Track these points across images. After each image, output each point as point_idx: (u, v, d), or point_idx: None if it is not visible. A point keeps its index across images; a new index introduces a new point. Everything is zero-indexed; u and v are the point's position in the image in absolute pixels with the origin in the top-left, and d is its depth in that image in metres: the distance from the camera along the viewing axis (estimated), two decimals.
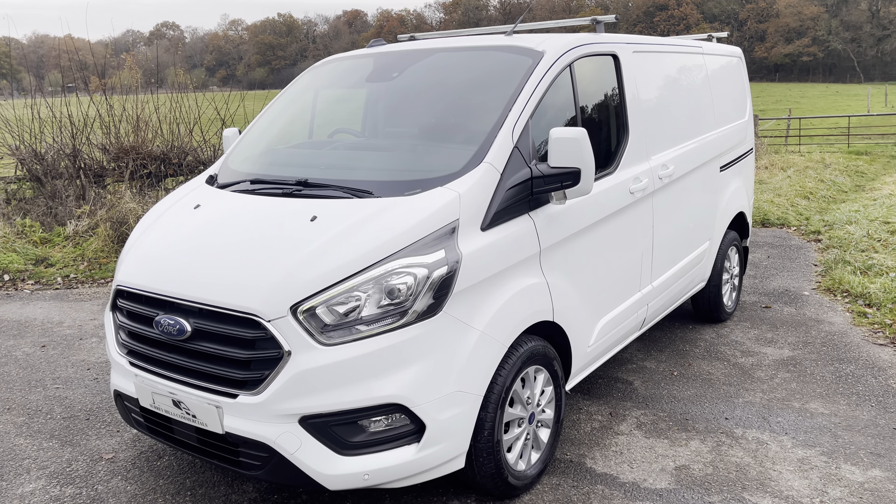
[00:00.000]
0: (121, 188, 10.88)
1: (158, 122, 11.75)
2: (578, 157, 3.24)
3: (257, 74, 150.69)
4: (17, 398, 4.75)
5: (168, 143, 11.57)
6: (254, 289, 2.89)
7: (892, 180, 13.80)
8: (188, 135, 11.84)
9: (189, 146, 11.76)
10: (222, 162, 4.20)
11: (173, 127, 11.77)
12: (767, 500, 3.36)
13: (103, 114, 11.30)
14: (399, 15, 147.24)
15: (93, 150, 11.32)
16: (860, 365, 4.94)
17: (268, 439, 2.86)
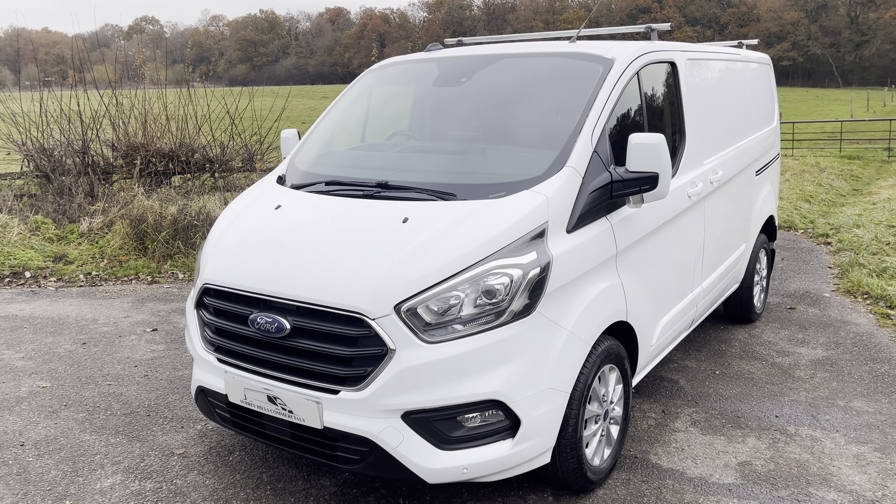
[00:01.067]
0: (129, 185, 10.85)
1: (167, 118, 11.73)
2: (657, 161, 3.36)
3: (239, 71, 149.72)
4: (71, 394, 4.77)
5: (177, 140, 11.56)
6: (357, 288, 2.97)
7: (887, 185, 14.12)
8: (196, 132, 11.83)
9: (197, 144, 11.77)
10: (288, 163, 4.26)
11: (181, 124, 11.76)
12: (833, 494, 3.50)
13: (111, 110, 11.26)
14: (382, 13, 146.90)
15: (101, 147, 11.28)
16: (894, 365, 5.11)
17: (370, 434, 2.94)
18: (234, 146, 12.08)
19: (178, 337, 5.90)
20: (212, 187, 11.44)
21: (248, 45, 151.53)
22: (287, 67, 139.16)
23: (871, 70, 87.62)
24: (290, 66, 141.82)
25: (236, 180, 12.16)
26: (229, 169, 11.95)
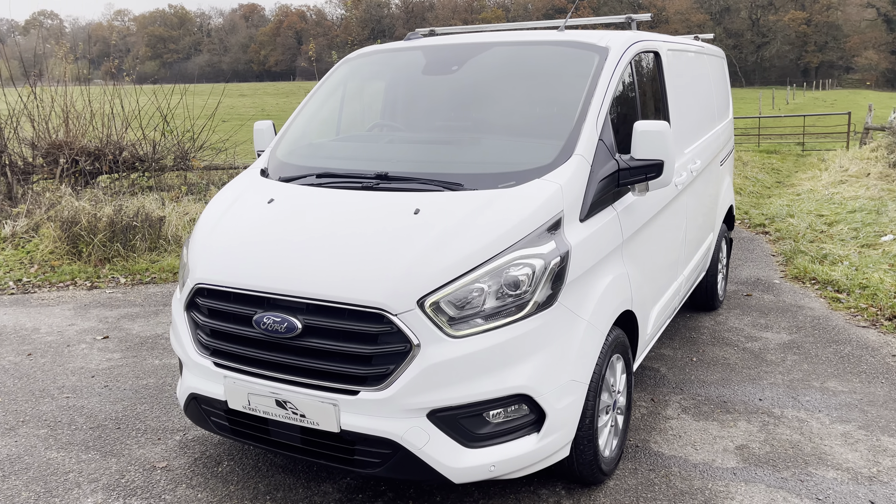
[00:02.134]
0: (52, 186, 10.20)
1: (91, 115, 11.10)
2: (662, 149, 3.35)
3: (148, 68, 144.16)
4: (26, 410, 4.40)
5: (103, 138, 10.95)
6: (377, 283, 2.82)
7: (806, 177, 14.84)
8: (124, 129, 11.24)
9: (126, 141, 11.18)
10: (269, 155, 4.05)
11: (107, 121, 11.15)
12: (832, 472, 3.59)
13: (30, 107, 10.56)
14: (299, 10, 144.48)
15: (19, 146, 10.56)
16: (855, 346, 5.32)
17: (394, 435, 2.80)
18: (165, 144, 11.54)
19: (134, 344, 5.55)
20: (146, 187, 10.89)
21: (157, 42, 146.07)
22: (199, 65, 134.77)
23: (772, 70, 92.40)
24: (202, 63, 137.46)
25: (168, 179, 11.64)
26: (161, 168, 11.39)
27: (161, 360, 5.21)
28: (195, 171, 11.47)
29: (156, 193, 10.26)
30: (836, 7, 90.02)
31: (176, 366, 5.09)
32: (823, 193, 12.36)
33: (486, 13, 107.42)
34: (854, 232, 9.04)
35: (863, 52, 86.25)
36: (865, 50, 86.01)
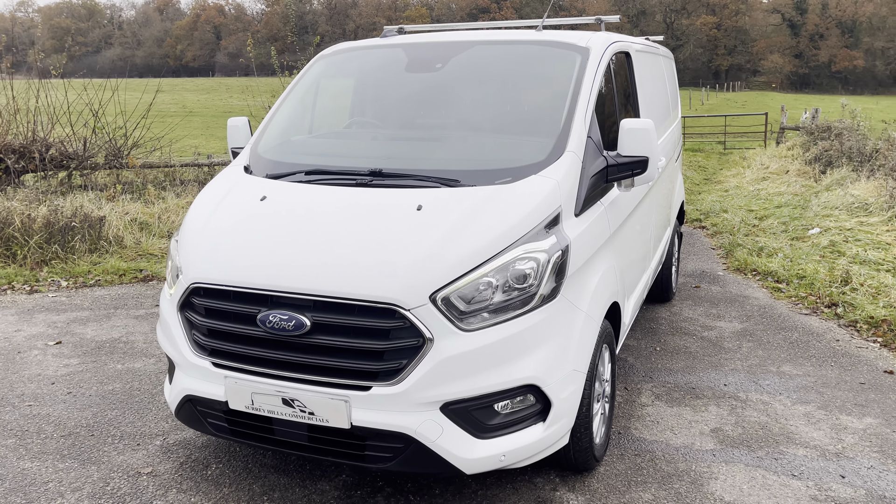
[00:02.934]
0: None
1: (15, 111, 10.56)
2: (647, 146, 3.49)
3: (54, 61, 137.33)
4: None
5: (28, 135, 10.43)
6: (389, 279, 2.84)
7: (731, 174, 15.57)
8: (51, 126, 10.73)
9: (53, 139, 10.68)
10: (251, 152, 3.98)
11: (32, 117, 10.62)
12: (801, 450, 3.82)
13: None
14: (217, 4, 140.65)
15: None
16: (801, 332, 5.66)
17: (408, 429, 2.83)
18: (96, 141, 11.08)
19: (91, 349, 5.34)
20: (77, 186, 10.42)
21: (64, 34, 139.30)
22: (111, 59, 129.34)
23: (686, 72, 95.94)
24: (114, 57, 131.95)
25: (99, 178, 11.18)
26: (92, 166, 10.92)
27: (124, 365, 5.04)
28: (131, 170, 11.06)
29: (91, 193, 9.84)
30: (743, 12, 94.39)
31: (143, 370, 4.94)
32: (749, 190, 12.99)
33: (410, 11, 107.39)
34: (783, 226, 9.56)
35: (769, 56, 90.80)
36: (771, 54, 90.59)
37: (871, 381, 4.70)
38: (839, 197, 10.61)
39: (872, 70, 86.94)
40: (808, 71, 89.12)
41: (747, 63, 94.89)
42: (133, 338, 5.60)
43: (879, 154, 12.68)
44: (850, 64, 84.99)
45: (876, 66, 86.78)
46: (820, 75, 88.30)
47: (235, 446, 3.87)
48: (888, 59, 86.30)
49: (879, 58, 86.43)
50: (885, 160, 12.12)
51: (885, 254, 7.95)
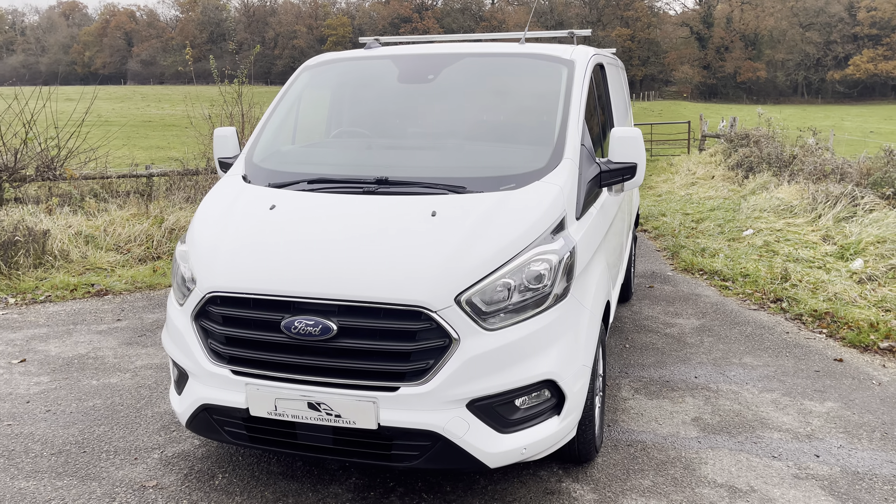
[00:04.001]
0: None
1: None
2: (636, 152, 3.72)
3: None
4: None
5: None
6: (416, 282, 2.94)
7: (661, 180, 16.26)
8: None
9: None
10: (245, 162, 4.00)
11: None
12: (776, 434, 4.12)
13: None
14: (128, 10, 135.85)
15: None
16: (754, 326, 6.05)
17: (436, 426, 2.93)
18: (27, 153, 10.63)
19: (59, 366, 5.18)
20: (11, 199, 9.97)
21: None
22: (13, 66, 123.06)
23: None
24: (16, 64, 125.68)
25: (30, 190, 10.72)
26: (22, 178, 10.48)
27: (99, 381, 4.91)
28: (67, 182, 10.65)
29: (29, 206, 9.44)
30: (655, 25, 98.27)
31: (120, 385, 4.83)
32: (681, 194, 13.63)
33: (332, 20, 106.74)
34: (719, 227, 10.11)
35: (679, 67, 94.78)
36: (682, 65, 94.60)
37: (824, 369, 5.09)
38: (766, 200, 11.28)
39: (774, 80, 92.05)
40: (716, 81, 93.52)
41: (660, 73, 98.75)
42: (101, 353, 5.46)
43: (797, 160, 13.54)
44: (754, 75, 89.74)
45: (777, 77, 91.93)
46: (727, 85, 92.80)
47: (238, 455, 3.86)
48: (788, 70, 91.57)
49: (780, 69, 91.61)
50: (803, 165, 12.96)
51: (815, 252, 8.54)
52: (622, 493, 3.50)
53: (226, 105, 12.58)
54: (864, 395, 4.63)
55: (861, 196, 10.08)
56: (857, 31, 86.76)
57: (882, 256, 7.88)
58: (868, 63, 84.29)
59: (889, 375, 4.96)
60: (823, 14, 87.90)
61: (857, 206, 9.93)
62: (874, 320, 5.86)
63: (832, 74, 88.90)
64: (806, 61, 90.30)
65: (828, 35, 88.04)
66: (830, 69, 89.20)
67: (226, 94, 12.67)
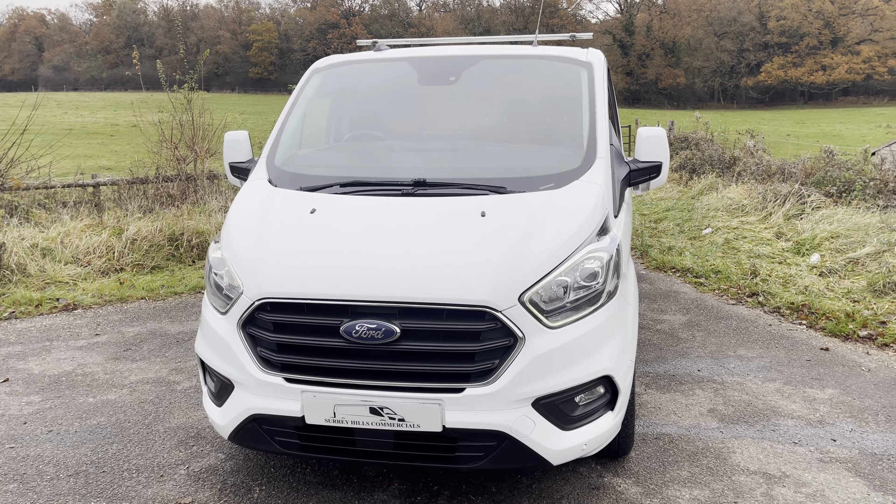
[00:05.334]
0: None
1: None
2: (661, 151, 3.82)
3: None
4: None
5: None
6: (479, 282, 2.93)
7: None
8: None
9: None
10: (267, 166, 3.89)
11: None
12: (790, 421, 4.29)
13: None
14: (38, 13, 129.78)
15: None
16: (738, 320, 6.27)
17: (503, 426, 2.92)
18: None
19: (47, 385, 4.91)
20: None
21: None
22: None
23: None
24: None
25: None
26: None
27: (96, 398, 4.68)
28: (10, 192, 10.10)
29: None
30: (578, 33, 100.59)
31: (120, 401, 4.62)
32: (633, 195, 13.99)
33: (256, 25, 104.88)
34: (679, 227, 10.44)
35: None
36: None
37: (815, 358, 5.32)
38: (718, 200, 11.72)
39: (692, 87, 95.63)
40: (639, 87, 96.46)
41: None
42: (89, 370, 5.20)
43: (739, 161, 14.12)
44: (674, 81, 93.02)
45: (695, 83, 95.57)
46: (649, 91, 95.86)
47: (269, 466, 3.75)
48: (705, 76, 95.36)
49: (698, 76, 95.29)
50: (746, 166, 13.52)
51: (773, 248, 8.93)
52: (664, 485, 3.57)
53: (175, 112, 12.20)
54: (858, 381, 4.87)
55: (808, 194, 10.59)
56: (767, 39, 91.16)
57: (838, 251, 8.31)
58: (779, 70, 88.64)
59: (875, 362, 5.23)
60: (736, 23, 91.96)
61: (804, 204, 10.43)
62: (849, 311, 6.17)
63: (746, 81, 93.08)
64: (721, 68, 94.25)
65: (741, 43, 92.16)
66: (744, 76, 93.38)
67: (174, 100, 12.29)
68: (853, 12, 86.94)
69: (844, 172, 10.92)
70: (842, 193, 10.45)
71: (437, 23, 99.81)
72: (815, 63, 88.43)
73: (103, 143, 34.62)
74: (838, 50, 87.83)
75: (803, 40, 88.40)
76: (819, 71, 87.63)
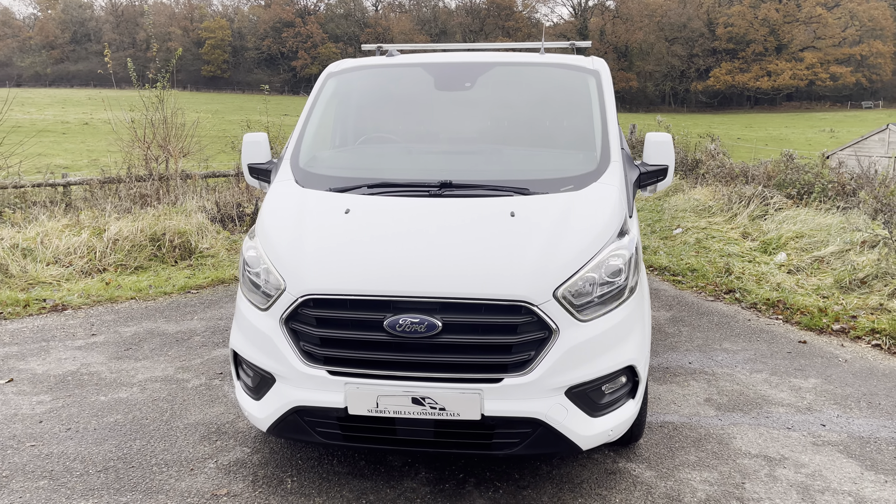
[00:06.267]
0: None
1: None
2: (668, 155, 4.06)
3: None
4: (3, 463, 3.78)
5: None
6: (517, 278, 3.11)
7: None
8: None
9: None
10: (291, 167, 4.00)
11: None
12: (781, 409, 4.58)
13: None
14: None
15: None
16: (718, 316, 6.59)
17: (539, 413, 3.10)
18: None
19: (55, 384, 4.92)
20: None
21: None
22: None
23: None
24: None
25: None
26: None
27: (107, 396, 4.72)
28: None
29: None
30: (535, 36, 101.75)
31: (133, 399, 4.66)
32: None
33: (209, 22, 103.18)
34: (650, 227, 10.80)
35: None
36: None
37: (795, 350, 5.66)
38: (685, 201, 12.14)
39: (644, 90, 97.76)
40: None
41: None
42: (93, 369, 5.21)
43: (702, 164, 14.62)
44: (627, 85, 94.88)
45: (647, 87, 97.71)
46: None
47: (296, 458, 3.87)
48: (656, 80, 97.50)
49: (649, 80, 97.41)
50: (708, 169, 14.02)
51: (741, 247, 9.34)
52: (675, 469, 3.81)
53: (147, 110, 12.08)
54: (837, 371, 5.21)
55: (770, 196, 11.08)
56: (716, 45, 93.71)
57: (803, 250, 8.75)
58: (726, 75, 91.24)
59: (850, 353, 5.59)
60: (686, 29, 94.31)
61: (767, 205, 10.91)
62: (821, 306, 6.55)
63: (695, 85, 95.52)
64: (672, 73, 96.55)
65: (691, 48, 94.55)
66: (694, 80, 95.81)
67: (146, 98, 12.17)
68: (797, 20, 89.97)
69: (804, 175, 11.44)
70: (802, 195, 10.95)
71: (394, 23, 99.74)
72: (760, 69, 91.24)
73: (56, 141, 33.76)
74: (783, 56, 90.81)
75: (749, 47, 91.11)
76: (765, 77, 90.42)
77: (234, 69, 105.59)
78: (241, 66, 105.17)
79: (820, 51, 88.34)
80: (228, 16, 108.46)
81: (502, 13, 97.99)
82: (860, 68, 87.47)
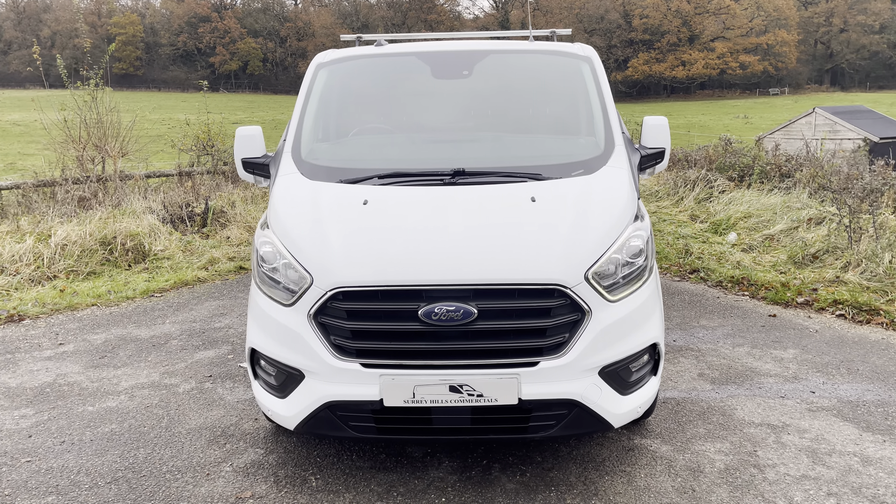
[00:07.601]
0: None
1: None
2: (665, 138, 4.16)
3: None
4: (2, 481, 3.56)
5: None
6: (549, 262, 3.13)
7: None
8: None
9: None
10: (293, 159, 3.90)
11: None
12: (769, 379, 4.78)
13: None
14: None
15: None
16: (689, 295, 6.81)
17: (575, 394, 3.14)
18: None
19: (33, 397, 4.66)
20: None
21: None
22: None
23: None
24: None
25: None
26: None
27: (95, 406, 4.50)
28: None
29: None
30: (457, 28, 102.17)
31: (124, 408, 4.47)
32: None
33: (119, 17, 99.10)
34: None
35: None
36: None
37: (767, 324, 5.91)
38: None
39: None
40: None
41: None
42: (72, 379, 4.96)
43: None
44: None
45: None
46: None
47: (314, 455, 3.79)
48: None
49: None
50: None
51: (692, 229, 9.67)
52: (689, 441, 3.93)
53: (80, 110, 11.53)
54: (811, 342, 5.47)
55: (714, 179, 11.50)
56: (633, 36, 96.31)
57: (753, 229, 9.13)
58: (644, 65, 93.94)
59: (819, 324, 5.88)
60: (604, 21, 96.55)
61: (712, 188, 11.32)
62: (783, 281, 6.85)
63: (615, 75, 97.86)
64: None
65: (609, 40, 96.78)
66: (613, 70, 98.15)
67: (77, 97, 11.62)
68: (707, 11, 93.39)
69: (742, 158, 11.92)
70: (742, 177, 11.42)
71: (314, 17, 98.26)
72: (675, 59, 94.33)
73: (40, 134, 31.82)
74: (696, 47, 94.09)
75: (664, 38, 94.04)
76: (679, 66, 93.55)
77: (147, 66, 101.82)
78: (156, 62, 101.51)
79: (729, 41, 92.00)
80: (139, 11, 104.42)
81: (424, 6, 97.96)
82: (767, 57, 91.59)
